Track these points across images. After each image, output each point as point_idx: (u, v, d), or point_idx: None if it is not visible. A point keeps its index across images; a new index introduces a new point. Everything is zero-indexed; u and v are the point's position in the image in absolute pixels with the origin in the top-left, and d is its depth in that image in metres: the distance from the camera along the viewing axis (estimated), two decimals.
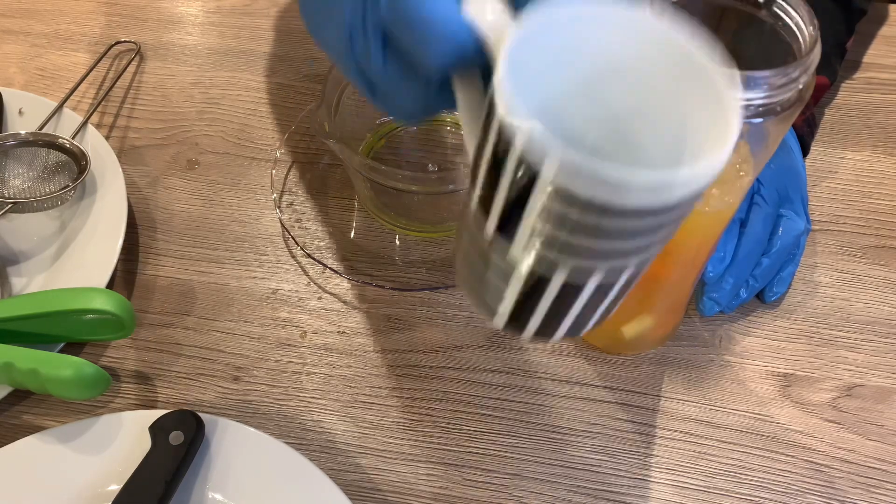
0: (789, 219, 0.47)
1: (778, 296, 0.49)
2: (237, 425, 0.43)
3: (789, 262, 0.49)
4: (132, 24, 0.67)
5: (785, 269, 0.49)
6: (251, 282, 0.52)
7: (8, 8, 0.68)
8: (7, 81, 0.62)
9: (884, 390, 0.47)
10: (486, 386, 0.47)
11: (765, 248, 0.47)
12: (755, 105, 0.29)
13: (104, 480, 0.42)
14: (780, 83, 0.29)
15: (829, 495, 0.43)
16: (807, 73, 0.30)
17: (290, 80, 0.63)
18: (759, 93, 0.29)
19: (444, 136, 0.58)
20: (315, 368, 0.48)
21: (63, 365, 0.42)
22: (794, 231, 0.47)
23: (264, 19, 0.67)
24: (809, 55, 0.30)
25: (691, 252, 0.40)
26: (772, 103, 0.30)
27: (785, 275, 0.49)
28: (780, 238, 0.47)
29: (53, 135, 0.54)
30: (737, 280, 0.46)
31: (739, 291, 0.47)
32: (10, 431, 0.45)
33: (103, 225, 0.51)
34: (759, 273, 0.47)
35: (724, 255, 0.45)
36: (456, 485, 0.44)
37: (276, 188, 0.56)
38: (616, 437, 0.45)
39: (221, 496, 0.42)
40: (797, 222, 0.47)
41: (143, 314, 0.50)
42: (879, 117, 0.60)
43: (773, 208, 0.47)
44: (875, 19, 0.66)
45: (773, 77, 0.29)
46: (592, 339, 0.48)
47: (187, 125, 0.60)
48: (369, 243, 0.53)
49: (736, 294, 0.47)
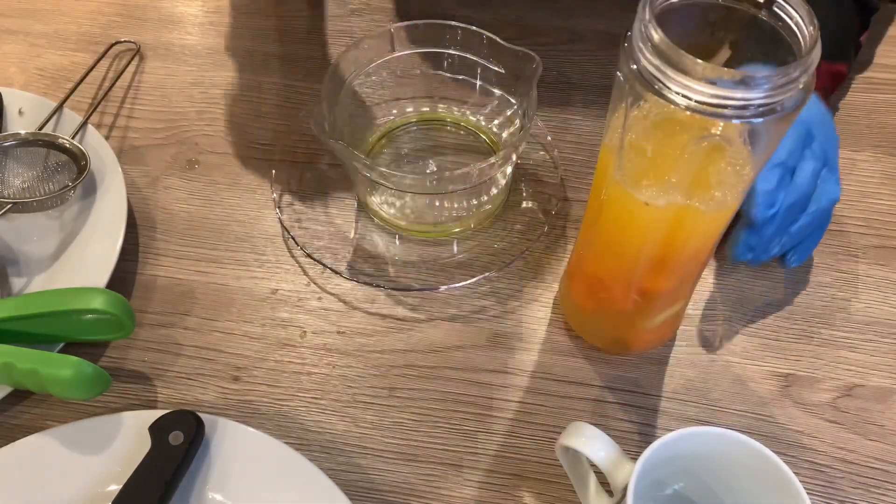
0: (830, 183, 0.45)
1: (799, 262, 0.47)
2: (237, 425, 0.43)
3: (818, 230, 0.47)
4: (132, 24, 0.67)
5: (812, 237, 0.47)
6: (251, 282, 0.52)
7: (8, 8, 0.68)
8: (7, 81, 0.62)
9: (884, 390, 0.47)
10: (486, 386, 0.47)
11: (806, 205, 0.45)
12: (756, 105, 0.29)
13: (104, 480, 0.42)
14: (780, 83, 0.29)
15: (829, 495, 0.43)
16: (807, 73, 0.30)
17: (290, 80, 0.63)
18: (760, 92, 0.29)
19: (445, 136, 0.58)
20: (315, 368, 0.48)
21: (63, 365, 0.42)
22: (832, 195, 0.45)
23: (264, 19, 0.67)
24: (810, 55, 0.30)
25: (692, 253, 0.40)
26: (772, 103, 0.29)
27: (810, 242, 0.47)
28: (820, 200, 0.45)
29: (53, 135, 0.54)
30: (778, 230, 0.44)
31: (773, 243, 0.45)
32: (10, 431, 0.45)
33: (103, 225, 0.51)
34: (795, 230, 0.45)
35: (775, 201, 0.43)
36: (456, 485, 0.44)
37: (276, 188, 0.56)
38: (616, 437, 0.45)
39: (221, 496, 0.42)
40: (835, 188, 0.45)
41: (143, 314, 0.50)
42: (880, 117, 0.60)
43: (822, 166, 0.45)
44: (875, 19, 0.66)
45: (773, 77, 0.29)
46: (593, 339, 0.48)
47: (187, 125, 0.60)
48: (369, 243, 0.53)
49: (770, 245, 0.45)
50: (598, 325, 0.48)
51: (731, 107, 0.29)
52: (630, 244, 0.40)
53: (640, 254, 0.40)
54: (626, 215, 0.38)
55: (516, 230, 0.54)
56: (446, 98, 0.58)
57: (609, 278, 0.44)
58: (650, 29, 0.30)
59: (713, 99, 0.29)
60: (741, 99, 0.29)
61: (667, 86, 0.30)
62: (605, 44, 0.64)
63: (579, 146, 0.58)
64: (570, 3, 0.68)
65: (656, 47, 0.30)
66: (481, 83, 0.55)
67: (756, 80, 0.29)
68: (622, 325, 0.46)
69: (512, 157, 0.50)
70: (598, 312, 0.47)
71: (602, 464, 0.37)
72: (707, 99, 0.29)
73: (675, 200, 0.35)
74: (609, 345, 0.48)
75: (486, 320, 0.50)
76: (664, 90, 0.30)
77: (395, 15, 0.67)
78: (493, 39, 0.52)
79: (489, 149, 0.57)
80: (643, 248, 0.39)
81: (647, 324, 0.45)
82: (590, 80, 0.62)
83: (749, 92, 0.29)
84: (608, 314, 0.46)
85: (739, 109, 0.29)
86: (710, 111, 0.29)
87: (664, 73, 0.30)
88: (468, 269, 0.52)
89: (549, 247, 0.53)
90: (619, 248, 0.41)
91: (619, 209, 0.38)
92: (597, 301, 0.46)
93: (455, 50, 0.54)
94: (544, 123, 0.59)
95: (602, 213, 0.40)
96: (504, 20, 0.66)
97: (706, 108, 0.29)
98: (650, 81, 0.30)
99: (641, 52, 0.30)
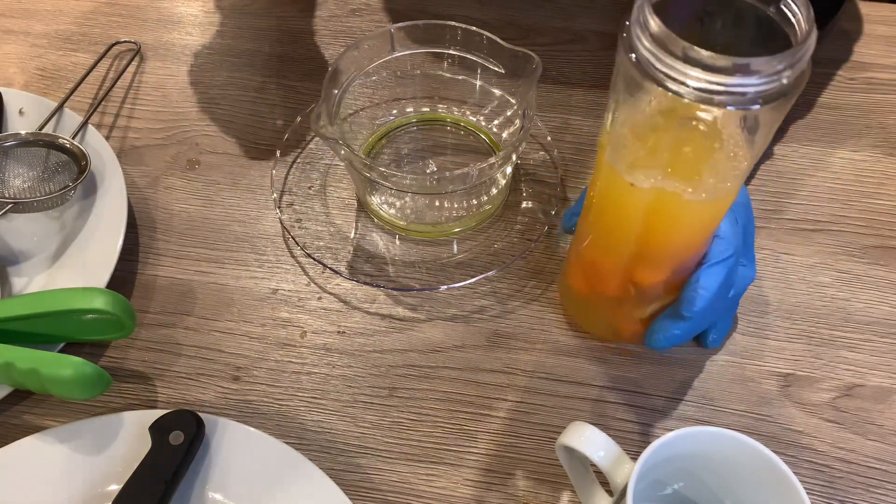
0: (748, 267, 0.46)
1: (718, 343, 0.48)
2: (237, 425, 0.43)
3: (733, 308, 0.48)
4: (132, 24, 0.67)
5: (728, 315, 0.48)
6: (251, 282, 0.52)
7: (8, 8, 0.68)
8: (7, 81, 0.62)
9: (884, 390, 0.47)
10: (486, 386, 0.47)
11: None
12: (751, 92, 0.30)
13: (104, 480, 0.42)
14: (775, 70, 0.29)
15: (829, 495, 0.43)
16: (802, 61, 0.30)
17: (290, 80, 0.63)
18: (755, 79, 0.29)
19: (445, 136, 0.58)
20: (315, 368, 0.48)
21: (63, 365, 0.42)
22: (748, 279, 0.46)
23: (264, 19, 0.67)
24: (805, 42, 0.30)
25: (679, 246, 0.40)
26: (768, 90, 0.30)
27: (728, 321, 0.48)
28: (738, 285, 0.45)
29: (53, 135, 0.54)
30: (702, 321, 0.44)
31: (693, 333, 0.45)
32: (10, 431, 0.45)
33: (103, 225, 0.51)
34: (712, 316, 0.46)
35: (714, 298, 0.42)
36: (456, 485, 0.44)
37: (276, 188, 0.56)
38: (616, 437, 0.45)
39: (221, 496, 0.42)
40: (752, 272, 0.46)
41: (143, 314, 0.50)
42: (879, 117, 0.60)
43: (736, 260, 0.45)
44: (875, 19, 0.66)
45: (769, 63, 0.29)
46: (587, 325, 0.49)
47: (187, 125, 0.60)
48: (369, 243, 0.53)
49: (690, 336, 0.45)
50: (592, 311, 0.48)
51: (729, 94, 0.30)
52: (618, 228, 0.41)
53: (628, 239, 0.40)
54: (613, 196, 0.39)
55: (516, 230, 0.54)
56: (446, 98, 0.58)
57: (600, 263, 0.44)
58: (648, 18, 0.30)
59: (711, 86, 0.29)
60: (739, 86, 0.29)
61: (665, 74, 0.30)
62: (605, 44, 0.64)
63: (579, 146, 0.58)
64: (570, 3, 0.68)
65: (654, 36, 0.30)
66: (481, 83, 0.55)
67: (751, 67, 0.29)
68: (614, 311, 0.46)
69: (512, 157, 0.50)
70: (591, 297, 0.47)
71: (602, 464, 0.37)
72: (705, 86, 0.29)
73: (658, 184, 0.35)
74: (601, 331, 0.48)
75: (486, 320, 0.50)
76: (662, 79, 0.30)
77: (394, 15, 0.67)
78: (493, 39, 0.52)
79: (489, 149, 0.57)
80: (630, 233, 0.40)
81: (637, 313, 0.45)
82: (590, 80, 0.62)
83: (745, 79, 0.29)
84: (600, 299, 0.46)
85: (737, 96, 0.30)
86: (707, 98, 0.30)
87: (662, 61, 0.30)
88: (468, 269, 0.52)
89: (549, 247, 0.53)
90: (607, 230, 0.42)
91: (608, 190, 0.39)
92: (589, 285, 0.46)
93: (455, 50, 0.54)
94: (544, 123, 0.59)
95: (595, 196, 0.41)
96: (504, 20, 0.66)
97: (703, 96, 0.30)
98: (648, 70, 0.31)
99: (639, 41, 0.31)
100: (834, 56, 0.63)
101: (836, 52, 0.64)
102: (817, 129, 0.59)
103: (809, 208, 0.55)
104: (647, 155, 0.36)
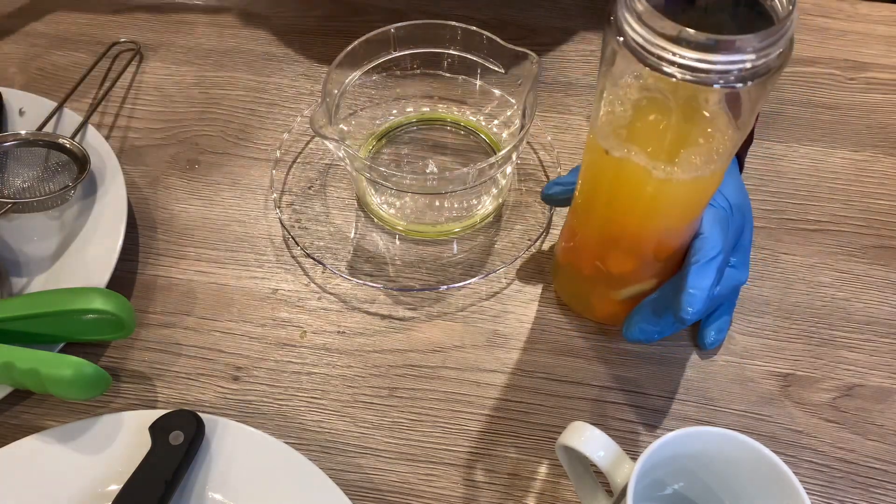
0: (735, 268, 0.46)
1: (717, 344, 0.48)
2: (237, 425, 0.43)
3: (727, 310, 0.48)
4: (132, 24, 0.67)
5: (722, 317, 0.48)
6: (251, 282, 0.52)
7: (8, 8, 0.68)
8: (7, 81, 0.62)
9: (884, 390, 0.47)
10: (486, 386, 0.47)
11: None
12: (735, 70, 0.30)
13: (104, 480, 0.42)
14: (759, 47, 0.30)
15: (829, 495, 0.43)
16: (785, 37, 0.30)
17: (290, 80, 0.63)
18: (739, 57, 0.30)
19: (445, 136, 0.58)
20: (315, 368, 0.48)
21: (63, 365, 0.42)
22: (739, 280, 0.46)
23: (264, 19, 0.67)
24: (787, 18, 0.30)
25: (676, 220, 0.40)
26: (751, 68, 0.30)
27: (723, 322, 0.48)
28: (721, 286, 0.44)
29: (54, 135, 0.54)
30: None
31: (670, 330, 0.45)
32: (10, 431, 0.45)
33: (103, 225, 0.51)
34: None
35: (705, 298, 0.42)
36: (456, 485, 0.44)
37: (276, 188, 0.56)
38: (616, 437, 0.45)
39: (221, 496, 0.42)
40: (744, 274, 0.46)
41: (143, 314, 0.50)
42: (879, 117, 0.60)
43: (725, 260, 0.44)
44: (875, 19, 0.66)
45: (751, 41, 0.29)
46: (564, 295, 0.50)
47: (187, 125, 0.60)
48: (369, 243, 0.53)
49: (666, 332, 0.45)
50: (572, 284, 0.49)
51: (714, 72, 0.30)
52: (596, 199, 0.41)
53: (601, 215, 0.41)
54: (592, 164, 0.40)
55: (516, 230, 0.54)
56: (446, 98, 0.58)
57: (580, 233, 0.45)
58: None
59: (696, 64, 0.30)
60: (723, 63, 0.30)
61: (650, 52, 0.30)
62: None
63: (579, 146, 0.58)
64: (570, 3, 0.68)
65: (640, 15, 0.30)
66: (481, 83, 0.55)
67: (734, 45, 0.29)
68: (589, 285, 0.47)
69: (512, 157, 0.50)
70: (570, 267, 0.47)
71: (602, 464, 0.37)
72: (690, 63, 0.30)
73: (627, 156, 0.36)
74: (580, 307, 0.49)
75: (486, 320, 0.50)
76: (648, 58, 0.31)
77: (394, 15, 0.67)
78: (493, 39, 0.52)
79: (489, 149, 0.57)
80: (606, 205, 0.41)
81: (611, 293, 0.46)
82: (590, 80, 0.62)
83: (728, 56, 0.29)
84: (576, 270, 0.47)
85: (722, 74, 0.30)
86: (692, 77, 0.30)
87: (648, 40, 0.30)
88: (468, 269, 0.52)
89: (549, 247, 0.53)
90: (585, 199, 0.43)
91: (590, 157, 0.40)
92: (569, 254, 0.47)
93: (455, 50, 0.54)
94: (544, 123, 0.59)
95: (583, 165, 0.42)
96: (504, 20, 0.66)
97: (688, 75, 0.30)
98: (634, 49, 0.31)
99: (627, 23, 0.31)
100: (834, 56, 0.63)
101: (836, 51, 0.64)
102: (817, 129, 0.59)
103: (809, 208, 0.55)
104: (626, 128, 0.36)
